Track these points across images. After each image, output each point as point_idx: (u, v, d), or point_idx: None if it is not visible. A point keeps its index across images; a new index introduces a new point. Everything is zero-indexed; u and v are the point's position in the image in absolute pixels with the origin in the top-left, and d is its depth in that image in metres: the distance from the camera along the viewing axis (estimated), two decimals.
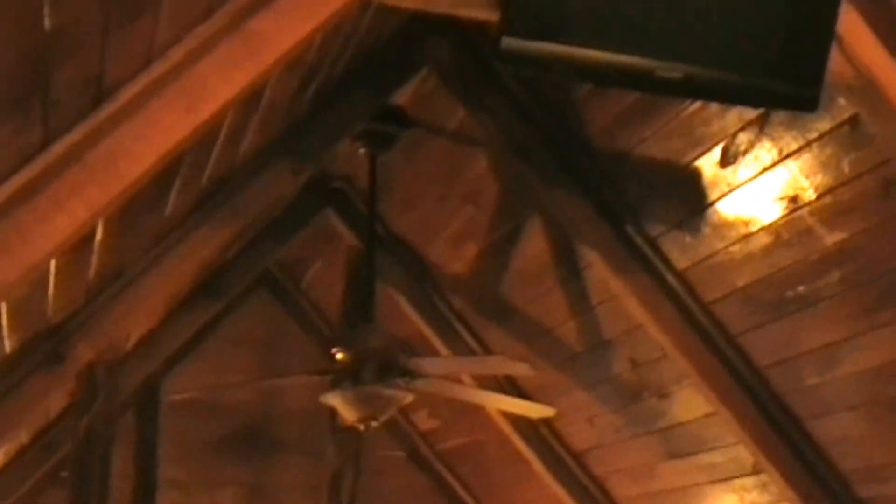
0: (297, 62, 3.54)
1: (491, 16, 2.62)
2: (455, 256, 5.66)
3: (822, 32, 2.69)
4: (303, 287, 7.02)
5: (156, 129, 2.50)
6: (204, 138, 3.25)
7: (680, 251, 4.43)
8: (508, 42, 2.46)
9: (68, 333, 4.32)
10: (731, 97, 2.85)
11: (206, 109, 2.53)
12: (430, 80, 4.74)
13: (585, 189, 4.52)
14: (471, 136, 4.88)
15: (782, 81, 2.66)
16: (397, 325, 5.89)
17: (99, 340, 4.46)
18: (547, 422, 5.96)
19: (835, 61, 2.79)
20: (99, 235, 3.62)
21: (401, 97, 4.87)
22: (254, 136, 4.08)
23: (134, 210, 3.53)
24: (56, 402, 5.23)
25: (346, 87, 4.47)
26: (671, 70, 2.56)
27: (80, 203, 2.45)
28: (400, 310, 6.05)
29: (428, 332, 6.05)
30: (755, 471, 4.94)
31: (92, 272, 4.02)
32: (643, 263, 4.54)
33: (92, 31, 2.25)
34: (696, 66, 2.58)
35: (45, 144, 2.45)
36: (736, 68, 2.62)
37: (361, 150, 5.15)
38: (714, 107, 3.80)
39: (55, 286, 3.78)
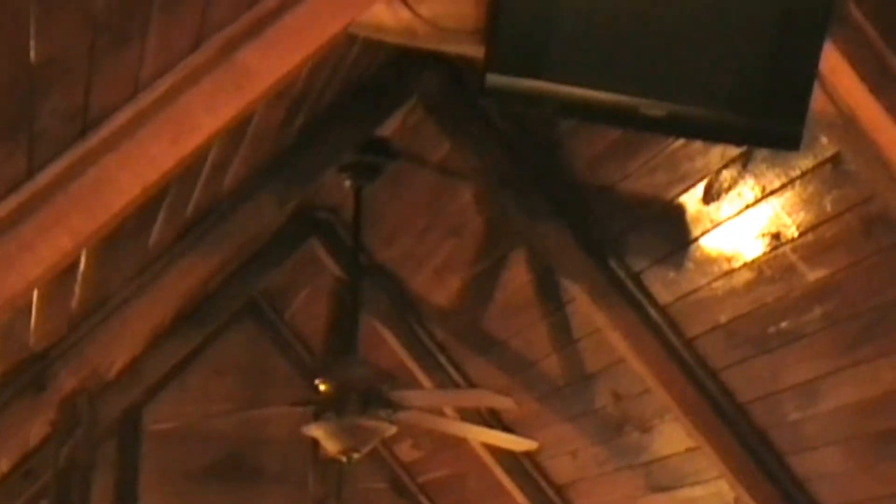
0: (284, 93, 3.55)
1: (476, 52, 2.63)
2: (439, 288, 5.67)
3: (805, 71, 2.71)
4: (287, 316, 7.01)
5: (141, 160, 2.50)
6: (190, 168, 3.25)
7: (663, 286, 4.44)
8: (493, 79, 2.47)
9: (50, 361, 4.31)
10: (714, 135, 2.87)
11: (192, 141, 2.53)
12: (416, 112, 4.75)
13: (569, 223, 4.53)
14: (456, 169, 4.89)
15: (765, 120, 2.68)
16: (381, 355, 5.88)
17: (81, 369, 4.45)
18: (529, 454, 5.95)
19: (817, 100, 2.81)
20: (83, 264, 3.62)
21: (387, 129, 4.88)
22: (240, 165, 4.08)
23: (118, 239, 3.53)
24: (37, 429, 5.21)
25: (333, 118, 4.48)
26: (655, 108, 2.58)
27: (65, 232, 2.45)
28: (383, 341, 6.05)
29: (411, 364, 6.05)
30: None
31: (75, 301, 4.01)
32: (626, 298, 4.55)
33: (78, 62, 2.26)
34: (680, 104, 2.60)
35: (30, 174, 2.45)
36: (719, 106, 2.65)
37: (347, 182, 5.16)
38: (698, 143, 3.82)
39: (38, 314, 3.78)
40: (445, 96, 4.56)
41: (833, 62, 2.92)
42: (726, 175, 3.86)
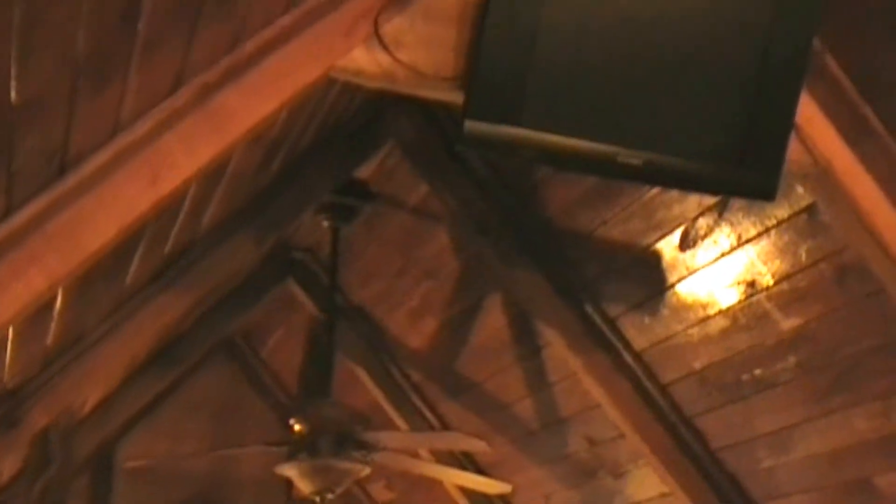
0: (262, 135, 3.55)
1: (455, 98, 2.65)
2: (414, 330, 5.67)
3: (782, 122, 2.73)
4: (262, 355, 7.00)
5: (119, 201, 2.51)
6: (167, 208, 3.25)
7: (638, 332, 4.45)
8: (472, 125, 2.48)
9: (24, 398, 4.30)
10: (690, 185, 2.89)
11: (170, 182, 2.54)
12: (394, 154, 4.76)
13: (546, 268, 4.54)
14: (433, 212, 4.90)
15: (742, 170, 2.69)
16: (355, 396, 5.88)
17: (54, 405, 4.44)
18: (503, 497, 5.94)
19: (793, 150, 2.83)
20: (58, 302, 3.61)
21: (364, 171, 4.89)
22: (217, 206, 4.08)
23: (95, 277, 3.52)
24: (9, 466, 5.18)
25: (311, 160, 4.49)
26: (632, 156, 2.59)
27: (40, 272, 2.45)
28: (358, 381, 6.04)
29: (386, 405, 6.04)
30: None
31: (50, 338, 4.00)
32: (602, 343, 4.56)
33: (58, 103, 2.27)
34: (657, 153, 2.62)
35: (6, 213, 2.45)
36: (696, 156, 2.66)
37: (324, 222, 5.17)
38: (674, 191, 3.83)
39: (12, 352, 3.77)
40: (423, 140, 4.58)
41: (809, 113, 2.96)
42: (702, 223, 3.88)
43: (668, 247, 4.06)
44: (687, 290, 4.12)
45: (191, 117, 2.52)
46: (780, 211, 3.62)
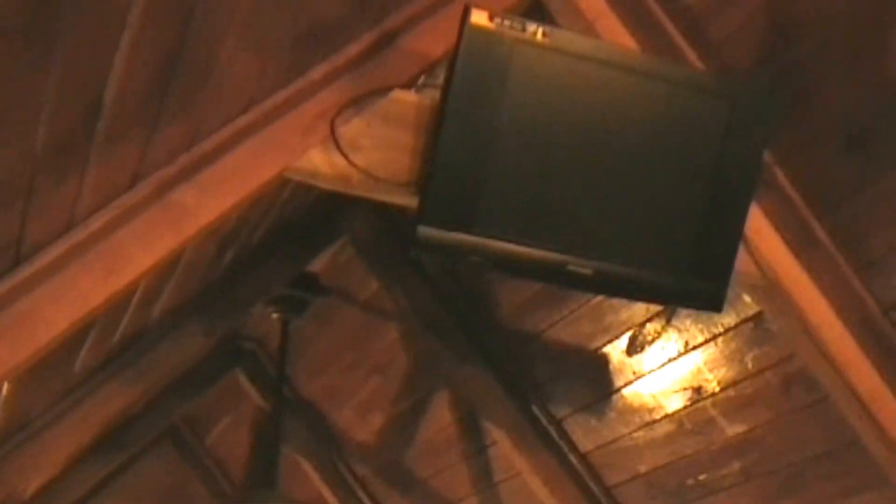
0: (216, 230, 3.56)
1: (408, 202, 2.67)
2: (361, 424, 5.65)
3: (732, 235, 2.77)
4: (207, 444, 6.94)
5: (72, 294, 2.51)
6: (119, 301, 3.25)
7: (585, 434, 4.47)
8: (425, 231, 2.51)
9: None
10: (639, 294, 2.92)
11: (124, 277, 2.54)
12: (346, 250, 4.79)
13: (494, 367, 4.56)
14: (383, 308, 4.92)
15: (691, 281, 2.73)
16: (300, 489, 5.85)
17: None
18: None
19: (741, 260, 2.88)
20: (5, 390, 3.58)
21: (316, 265, 4.90)
22: (169, 297, 4.08)
23: (43, 365, 3.50)
24: None
25: (264, 254, 4.49)
26: (582, 265, 2.62)
27: None
28: (304, 474, 6.00)
29: (331, 499, 6.00)
30: None
31: None
32: (548, 443, 4.57)
33: (15, 195, 2.27)
34: (607, 263, 2.65)
35: None
36: (646, 266, 2.69)
37: (274, 315, 5.17)
38: None
39: None
40: (375, 237, 4.61)
41: (758, 224, 3.01)
42: (650, 328, 3.91)
43: (615, 351, 4.08)
44: (634, 393, 4.14)
45: (147, 213, 2.53)
46: (728, 319, 3.66)
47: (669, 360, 3.92)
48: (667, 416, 4.08)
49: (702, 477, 4.16)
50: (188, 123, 2.50)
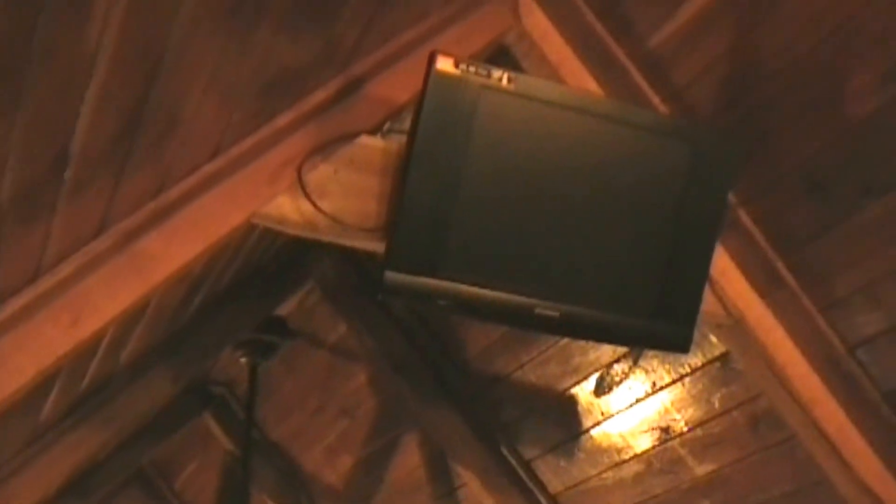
0: (183, 276, 3.56)
1: (376, 247, 2.68)
2: (330, 467, 5.64)
3: (697, 277, 2.79)
4: (176, 488, 6.90)
5: (38, 343, 2.49)
6: (86, 349, 3.24)
7: (554, 475, 4.47)
8: (392, 276, 2.51)
9: None
10: (606, 337, 2.92)
11: (91, 325, 2.53)
12: (314, 293, 4.79)
13: (463, 409, 4.57)
14: (351, 351, 4.92)
15: (657, 324, 2.74)
16: None
17: None
18: None
19: (707, 301, 2.89)
20: None
21: (284, 308, 4.90)
22: (136, 343, 4.06)
23: (10, 413, 3.48)
24: None
25: (230, 299, 4.49)
26: (549, 308, 2.63)
27: None
28: None
29: None
30: None
31: None
32: (517, 484, 4.57)
33: None
34: (574, 306, 2.65)
35: None
36: (612, 309, 2.70)
37: (242, 358, 5.16)
38: None
39: None
40: (342, 281, 4.61)
41: (723, 265, 3.03)
42: (617, 369, 3.93)
43: (583, 392, 4.10)
44: (602, 434, 4.15)
45: (113, 261, 2.52)
46: (694, 359, 3.68)
47: (637, 401, 3.93)
48: (635, 456, 4.09)
49: None
50: (155, 171, 2.50)
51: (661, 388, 3.83)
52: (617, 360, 3.91)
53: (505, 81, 2.56)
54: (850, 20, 2.56)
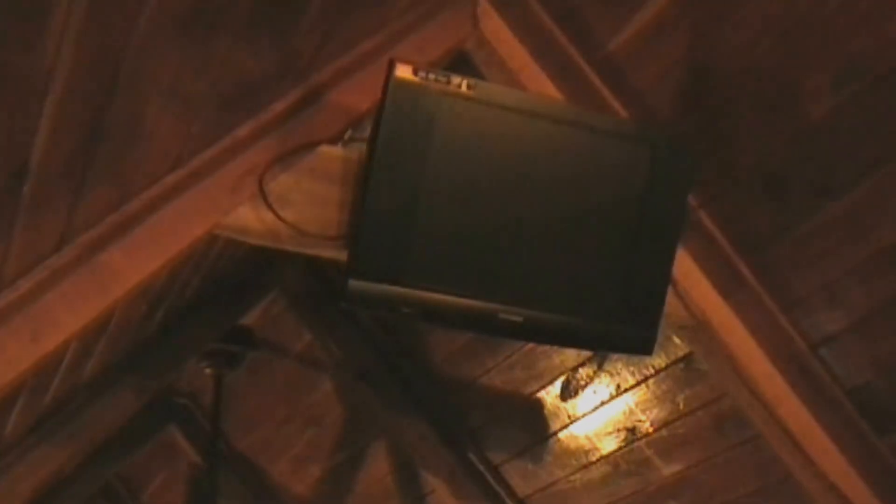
0: (146, 289, 3.55)
1: (338, 255, 2.68)
2: (298, 477, 5.63)
3: (659, 279, 2.80)
4: (143, 501, 6.87)
5: None
6: (48, 364, 3.22)
7: (522, 479, 4.48)
8: (355, 284, 2.51)
9: None
10: (569, 341, 2.93)
11: (52, 340, 2.52)
12: (278, 302, 4.78)
13: (429, 416, 4.57)
14: (317, 360, 4.91)
15: (620, 327, 2.75)
16: None
17: None
18: None
19: (670, 303, 2.90)
20: None
21: (249, 318, 4.89)
22: (99, 357, 4.04)
23: None
24: None
25: (194, 311, 4.48)
26: (512, 313, 2.63)
27: None
28: None
29: None
30: None
31: None
32: (485, 490, 4.57)
33: None
34: (537, 311, 2.66)
35: None
36: (575, 313, 2.71)
37: (207, 369, 5.14)
38: None
39: None
40: (306, 290, 4.61)
41: (686, 267, 3.03)
42: (583, 373, 3.94)
43: (549, 396, 4.11)
44: (569, 437, 4.16)
45: (75, 276, 2.51)
46: (658, 360, 3.69)
47: (603, 403, 3.95)
48: (603, 457, 4.10)
49: None
50: (115, 184, 2.49)
51: (626, 390, 3.85)
52: (582, 364, 3.92)
53: (465, 88, 2.57)
54: (801, 22, 2.58)
